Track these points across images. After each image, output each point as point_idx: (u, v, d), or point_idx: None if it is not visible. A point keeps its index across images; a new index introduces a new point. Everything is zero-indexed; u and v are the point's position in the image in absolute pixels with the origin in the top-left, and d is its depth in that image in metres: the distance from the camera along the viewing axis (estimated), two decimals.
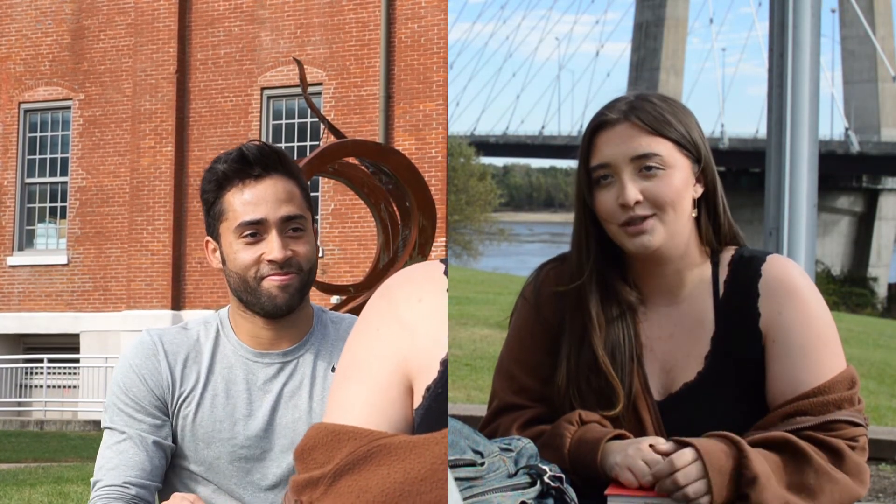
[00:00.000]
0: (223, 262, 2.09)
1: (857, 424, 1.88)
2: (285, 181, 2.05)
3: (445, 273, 1.15)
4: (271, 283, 2.03)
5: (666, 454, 1.81)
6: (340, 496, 1.07)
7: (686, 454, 1.78)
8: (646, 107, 1.95)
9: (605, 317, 2.00)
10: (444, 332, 1.11)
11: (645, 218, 1.93)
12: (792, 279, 1.96)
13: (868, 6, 55.45)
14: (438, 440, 1.04)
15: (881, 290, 49.04)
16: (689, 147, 1.96)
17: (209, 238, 2.11)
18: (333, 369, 2.11)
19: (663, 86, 61.21)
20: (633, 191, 1.92)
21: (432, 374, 1.10)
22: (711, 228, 2.01)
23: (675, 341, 2.00)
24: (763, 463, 1.80)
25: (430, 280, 1.14)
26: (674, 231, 1.95)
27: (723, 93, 63.77)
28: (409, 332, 1.12)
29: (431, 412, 1.09)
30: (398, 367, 1.12)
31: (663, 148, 1.93)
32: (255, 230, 2.03)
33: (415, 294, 1.14)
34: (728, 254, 2.03)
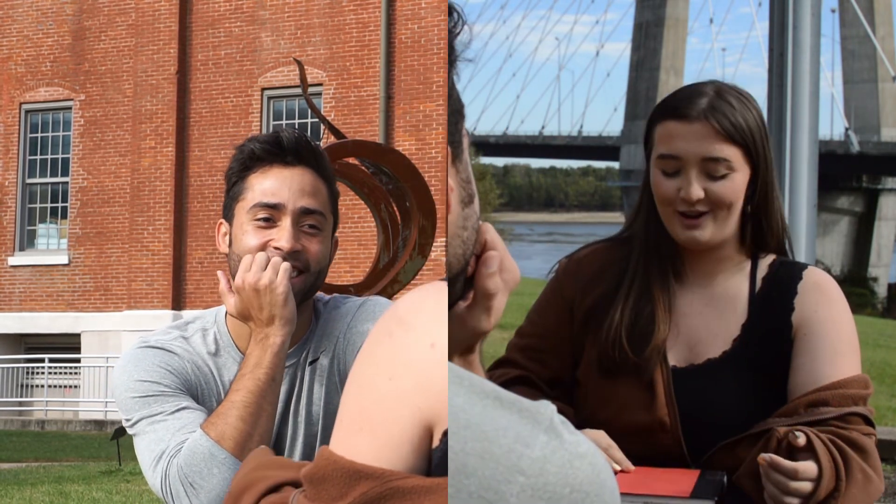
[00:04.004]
0: (230, 245, 1.93)
1: (871, 423, 1.99)
2: (315, 177, 1.92)
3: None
4: None
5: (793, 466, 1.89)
6: None
7: (810, 467, 1.86)
8: (725, 109, 2.01)
9: (638, 288, 2.11)
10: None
11: (701, 214, 2.03)
12: (830, 287, 2.10)
13: (868, 6, 55.42)
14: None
15: (881, 290, 49.00)
16: (753, 154, 2.04)
17: (223, 220, 1.95)
18: (337, 363, 1.98)
19: (663, 86, 61.16)
20: (697, 189, 2.01)
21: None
22: (760, 227, 2.10)
23: (703, 319, 2.11)
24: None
25: (441, 319, 1.09)
26: (722, 227, 2.05)
27: None
28: (422, 383, 1.07)
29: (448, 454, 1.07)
30: (412, 418, 1.07)
31: (733, 153, 2.01)
32: (269, 214, 1.88)
33: (426, 338, 1.08)
34: (769, 258, 2.14)
